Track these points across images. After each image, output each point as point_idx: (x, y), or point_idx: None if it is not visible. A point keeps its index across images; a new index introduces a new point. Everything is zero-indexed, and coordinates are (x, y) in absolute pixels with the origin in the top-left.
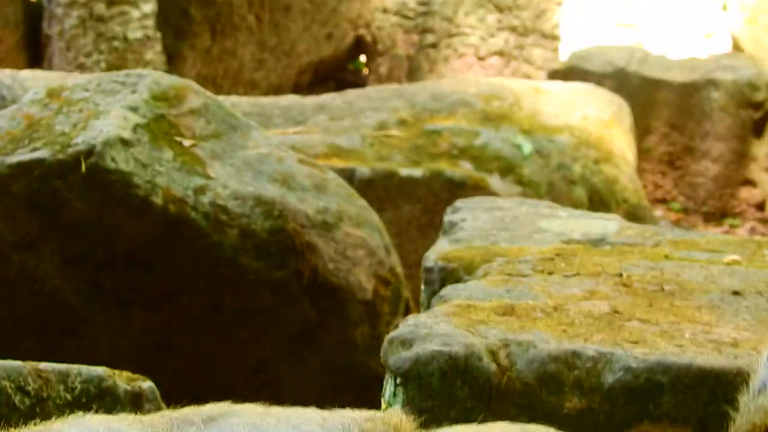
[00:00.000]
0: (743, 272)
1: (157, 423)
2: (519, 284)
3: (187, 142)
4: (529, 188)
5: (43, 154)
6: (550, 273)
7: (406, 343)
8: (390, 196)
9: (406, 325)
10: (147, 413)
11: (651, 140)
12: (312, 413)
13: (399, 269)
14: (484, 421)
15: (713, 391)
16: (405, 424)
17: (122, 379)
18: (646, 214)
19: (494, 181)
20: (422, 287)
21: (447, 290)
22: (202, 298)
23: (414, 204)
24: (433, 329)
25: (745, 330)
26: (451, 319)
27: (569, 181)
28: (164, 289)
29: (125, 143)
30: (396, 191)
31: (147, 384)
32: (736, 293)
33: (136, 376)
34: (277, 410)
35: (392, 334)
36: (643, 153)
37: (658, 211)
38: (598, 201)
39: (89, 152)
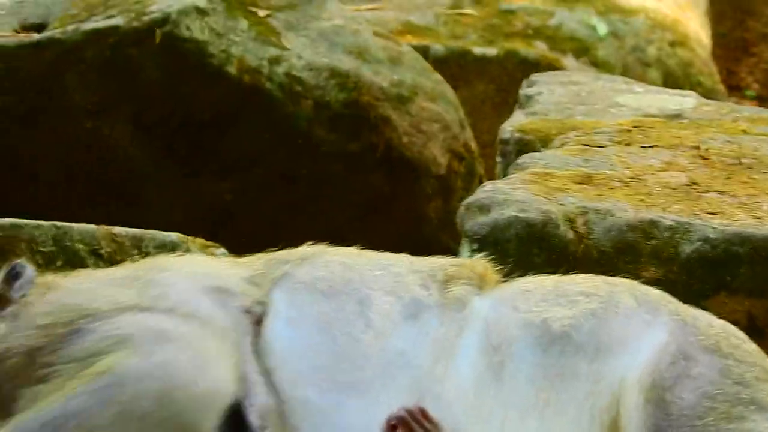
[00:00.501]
0: None
1: (254, 262)
2: (596, 154)
3: (262, 12)
4: (603, 69)
5: (117, 21)
6: (627, 144)
7: (484, 208)
8: (464, 74)
9: (484, 191)
10: None
11: (726, 25)
12: (401, 257)
13: (473, 145)
14: None
15: None
16: (490, 272)
17: (195, 245)
18: (720, 100)
19: (568, 62)
20: (497, 159)
21: (524, 158)
22: (275, 168)
23: (487, 83)
24: (511, 195)
25: None
26: (529, 186)
27: (643, 63)
28: (237, 158)
29: (200, 12)
30: (470, 70)
31: (220, 251)
32: None
33: (210, 243)
34: (368, 252)
35: (469, 199)
36: (717, 38)
37: (732, 99)
38: (672, 83)
39: (164, 20)
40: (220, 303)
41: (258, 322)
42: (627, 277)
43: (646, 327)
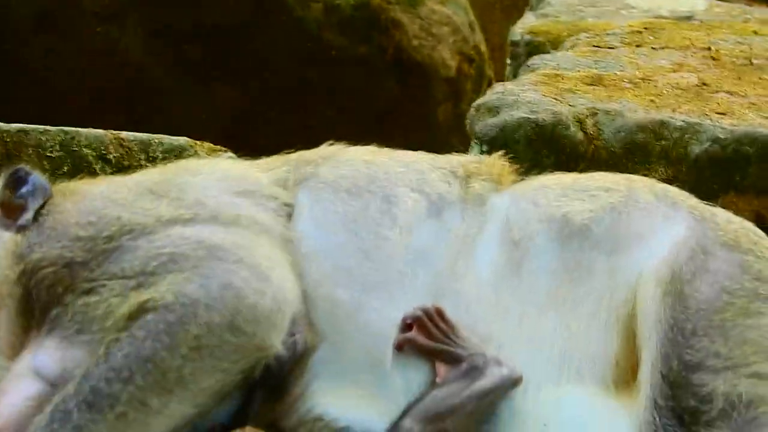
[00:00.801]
0: None
1: (275, 164)
2: (607, 56)
3: None
4: None
5: None
6: (638, 46)
7: (493, 109)
8: None
9: (494, 92)
10: None
11: None
12: (421, 155)
13: (483, 48)
14: None
15: None
16: (507, 170)
17: (204, 149)
18: (731, 1)
19: None
20: (508, 61)
21: (534, 60)
22: (286, 74)
23: None
24: (521, 97)
25: None
26: (539, 87)
27: None
28: (248, 63)
29: None
30: None
31: (228, 155)
32: None
33: (218, 147)
34: (388, 150)
35: (479, 100)
36: None
37: (743, 0)
38: None
39: None
40: (257, 204)
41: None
42: None
43: (665, 221)
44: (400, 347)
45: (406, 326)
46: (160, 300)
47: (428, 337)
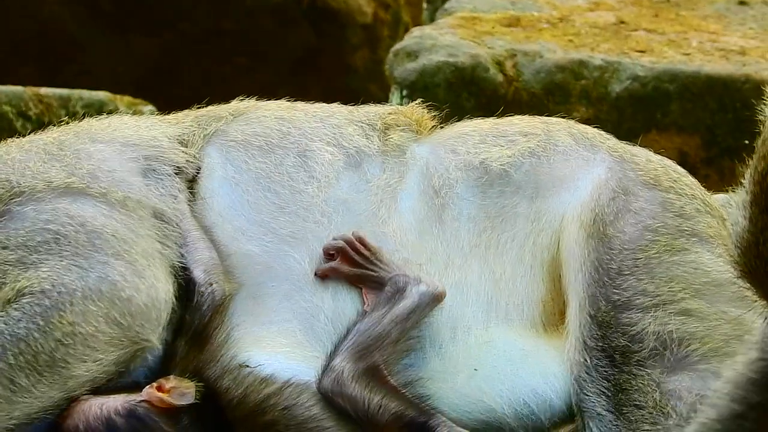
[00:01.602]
0: None
1: (183, 120)
2: None
3: None
4: None
5: None
6: None
7: (412, 54)
8: None
9: (411, 37)
10: None
11: None
12: (338, 108)
13: None
14: None
15: (722, 99)
16: (425, 118)
17: (123, 104)
18: None
19: None
20: (424, 5)
21: (451, 3)
22: (201, 24)
23: None
24: (439, 40)
25: (752, 38)
26: (457, 30)
27: None
28: (163, 14)
29: None
30: None
31: (148, 108)
32: (742, 3)
33: (137, 100)
34: (302, 105)
35: (397, 45)
36: None
37: None
38: None
39: None
40: (152, 176)
41: (192, 180)
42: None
43: (585, 164)
44: (324, 276)
45: (328, 255)
46: (38, 285)
47: (351, 265)
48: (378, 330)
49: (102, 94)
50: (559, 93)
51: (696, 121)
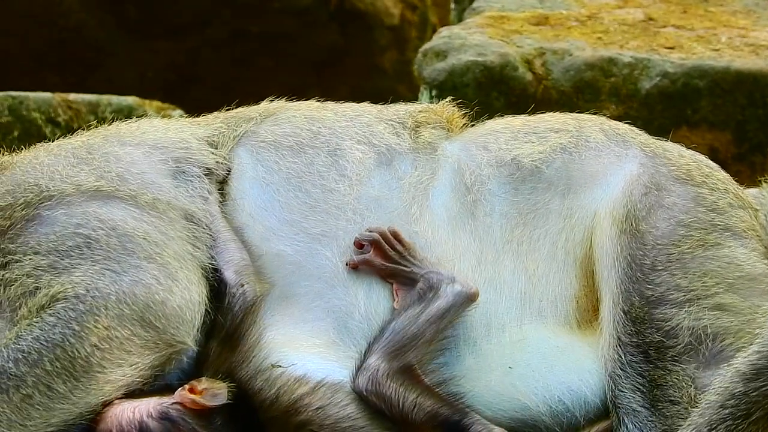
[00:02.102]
0: None
1: (213, 122)
2: None
3: None
4: None
5: None
6: None
7: (441, 54)
8: None
9: (440, 37)
10: None
11: None
12: (367, 107)
13: None
14: None
15: (752, 95)
16: (456, 116)
17: (152, 108)
18: None
19: None
20: (452, 5)
21: (479, 2)
22: (227, 27)
23: None
24: (467, 40)
25: None
26: (485, 30)
27: None
28: (189, 18)
29: None
30: None
31: (177, 112)
32: None
33: (166, 105)
34: (332, 104)
35: (426, 45)
36: None
37: None
38: None
39: None
40: (181, 178)
41: (222, 181)
42: None
43: (617, 160)
44: (355, 267)
45: (358, 245)
46: (71, 291)
47: (384, 259)
48: (413, 330)
49: (131, 99)
50: (588, 91)
51: (726, 117)
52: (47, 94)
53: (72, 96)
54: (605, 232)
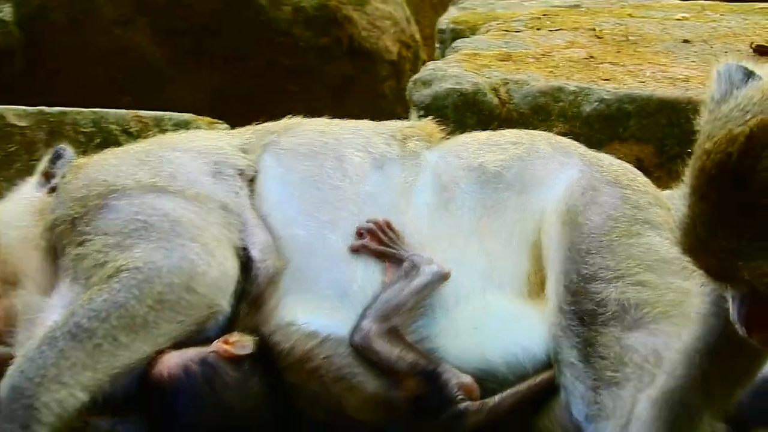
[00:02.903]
0: (691, 25)
1: (245, 133)
2: (514, 37)
3: None
4: None
5: None
6: (538, 29)
7: (427, 83)
8: None
9: (427, 69)
10: None
11: None
12: (365, 123)
13: (418, 36)
14: None
15: (670, 117)
16: (436, 131)
17: (204, 123)
18: None
19: None
20: (437, 45)
21: (457, 43)
22: (263, 60)
23: None
24: (448, 72)
25: (694, 69)
26: (462, 64)
27: None
28: (233, 52)
29: None
30: None
31: (223, 126)
32: (686, 41)
33: (214, 120)
34: (338, 121)
35: (415, 76)
36: None
37: None
38: None
39: None
40: (219, 177)
41: (251, 180)
42: None
43: (560, 167)
44: (355, 250)
45: (359, 234)
46: (132, 263)
47: (378, 243)
48: (398, 300)
49: (187, 116)
50: (542, 112)
51: (650, 134)
52: (122, 111)
53: (142, 112)
54: (551, 223)
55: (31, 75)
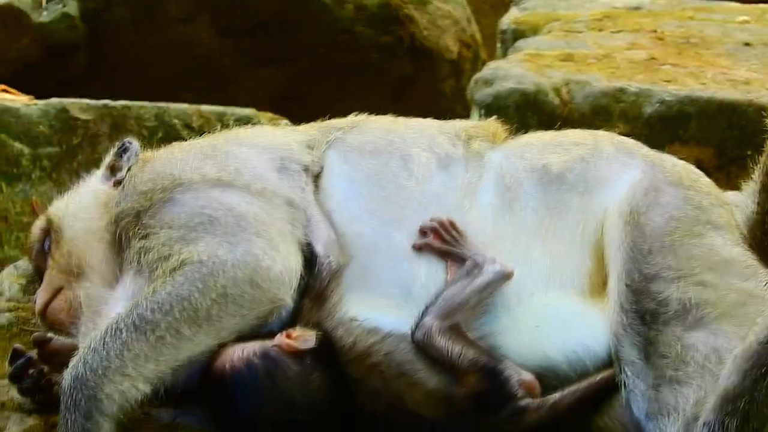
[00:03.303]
0: (753, 29)
1: (310, 130)
2: (576, 38)
3: None
4: None
5: None
6: (600, 30)
7: (489, 82)
8: None
9: (488, 68)
10: None
11: None
12: (430, 122)
13: (478, 36)
14: None
15: (730, 119)
16: (500, 130)
17: (265, 118)
18: None
19: None
20: (498, 45)
21: (519, 43)
22: (325, 58)
23: None
24: (509, 71)
25: (755, 72)
26: (523, 64)
27: None
28: (294, 51)
29: None
30: None
31: (284, 121)
32: (747, 44)
33: (275, 115)
34: (403, 120)
35: (477, 75)
36: None
37: None
38: None
39: None
40: (285, 172)
41: (316, 176)
42: None
43: (624, 167)
44: (419, 249)
45: (422, 233)
46: (197, 257)
47: (442, 242)
48: (460, 298)
49: (249, 111)
50: (603, 113)
51: (710, 136)
52: (184, 105)
53: (203, 107)
54: (614, 224)
55: (94, 69)
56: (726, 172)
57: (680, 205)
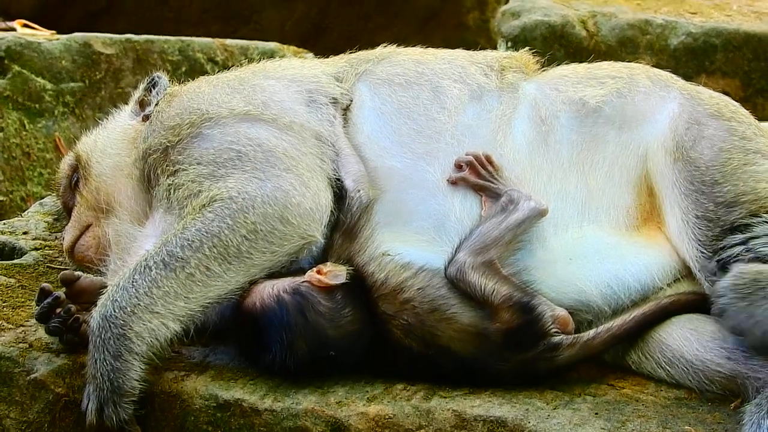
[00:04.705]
0: None
1: (338, 62)
2: None
3: None
4: None
5: None
6: None
7: (515, 14)
8: None
9: (515, 1)
10: None
11: None
12: (460, 52)
13: None
14: None
15: (756, 51)
16: (531, 62)
17: (290, 52)
18: None
19: None
20: None
21: None
22: None
23: None
24: (536, 3)
25: None
26: None
27: None
28: None
29: None
30: None
31: (309, 55)
32: None
33: (300, 49)
34: (432, 51)
35: (504, 7)
36: None
37: None
38: None
39: None
40: (313, 106)
41: (345, 109)
42: None
43: (661, 101)
44: (454, 183)
45: (457, 167)
46: (226, 193)
47: (477, 176)
48: (495, 233)
49: (273, 44)
50: (629, 45)
51: (736, 67)
52: (208, 39)
53: (228, 41)
54: (661, 160)
55: (117, 3)
56: (752, 103)
57: (726, 137)
